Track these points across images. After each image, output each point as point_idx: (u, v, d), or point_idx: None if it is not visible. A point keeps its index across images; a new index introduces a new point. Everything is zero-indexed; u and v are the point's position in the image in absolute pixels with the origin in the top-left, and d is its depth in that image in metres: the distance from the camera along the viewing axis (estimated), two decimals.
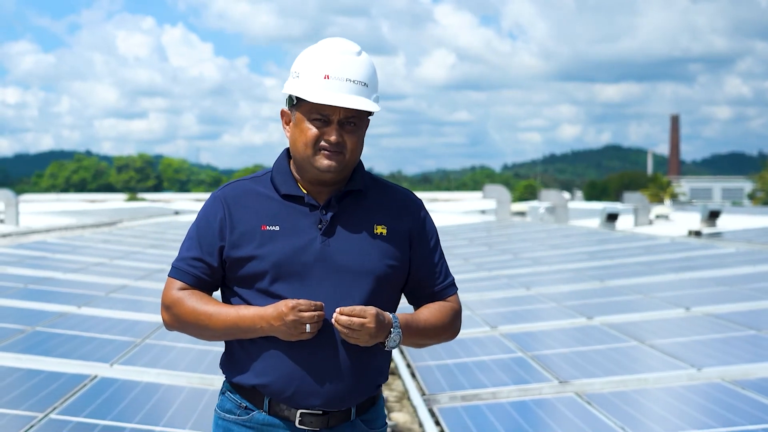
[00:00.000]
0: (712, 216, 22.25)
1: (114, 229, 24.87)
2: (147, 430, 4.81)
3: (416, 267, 2.40)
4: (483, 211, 39.60)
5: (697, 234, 19.76)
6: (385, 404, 6.39)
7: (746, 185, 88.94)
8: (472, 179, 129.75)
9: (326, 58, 2.26)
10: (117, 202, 65.28)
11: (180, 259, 2.36)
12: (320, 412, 2.30)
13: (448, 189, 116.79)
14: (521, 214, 32.65)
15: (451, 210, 45.35)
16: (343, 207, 2.34)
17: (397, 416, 6.15)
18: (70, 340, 7.00)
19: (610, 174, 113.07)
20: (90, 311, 8.57)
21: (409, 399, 6.33)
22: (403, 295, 2.48)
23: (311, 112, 2.26)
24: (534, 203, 41.12)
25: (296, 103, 2.30)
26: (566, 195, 38.20)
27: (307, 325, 2.20)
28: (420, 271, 2.41)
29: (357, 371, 2.30)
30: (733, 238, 17.49)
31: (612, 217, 23.70)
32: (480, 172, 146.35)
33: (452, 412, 5.74)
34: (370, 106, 2.26)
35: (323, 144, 2.26)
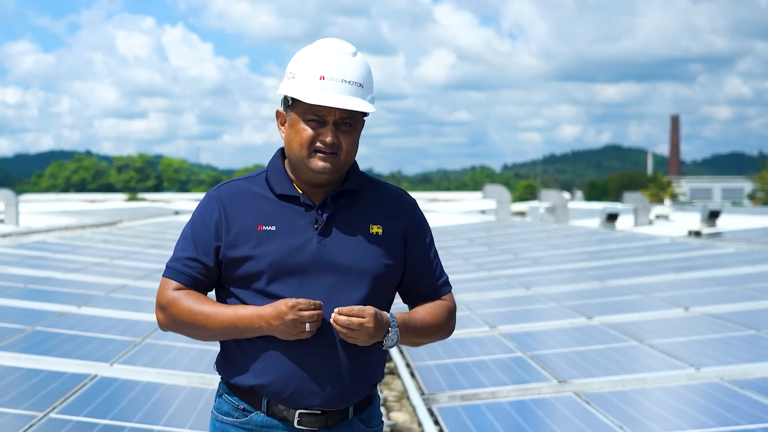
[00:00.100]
0: (712, 216, 22.25)
1: (114, 229, 24.88)
2: (147, 430, 4.82)
3: (411, 266, 2.40)
4: (483, 211, 39.60)
5: (697, 234, 19.75)
6: (385, 404, 6.40)
7: (746, 185, 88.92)
8: (472, 179, 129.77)
9: (322, 58, 2.25)
10: (117, 202, 65.30)
11: (175, 259, 2.35)
12: (319, 412, 2.30)
13: (448, 189, 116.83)
14: (521, 214, 32.66)
15: (451, 210, 45.36)
16: (339, 207, 2.34)
17: (397, 416, 6.15)
18: (70, 340, 7.01)
19: (610, 174, 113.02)
20: (90, 311, 8.59)
21: (409, 398, 6.33)
22: (396, 294, 2.49)
23: (306, 113, 2.26)
24: (534, 203, 41.11)
25: (291, 104, 2.29)
26: (566, 195, 38.19)
27: (307, 324, 2.20)
28: (415, 271, 2.41)
29: (355, 370, 2.30)
30: (733, 238, 17.50)
31: (612, 217, 23.70)
32: (480, 172, 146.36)
33: (451, 412, 5.75)
34: (365, 107, 2.26)
35: (318, 145, 2.26)
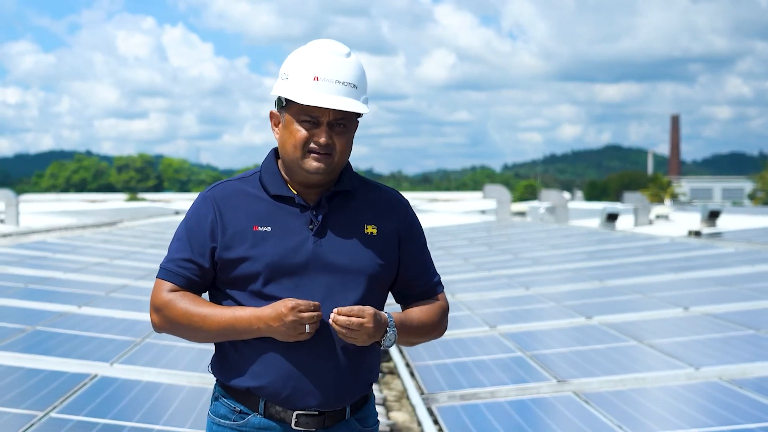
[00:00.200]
0: (712, 216, 22.25)
1: (114, 229, 24.89)
2: (147, 429, 4.83)
3: (405, 266, 2.41)
4: (483, 211, 39.57)
5: (697, 234, 19.76)
6: (384, 403, 6.41)
7: (746, 185, 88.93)
8: (472, 179, 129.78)
9: (315, 59, 2.25)
10: (117, 202, 65.32)
11: (169, 260, 2.33)
12: (316, 413, 2.30)
13: (448, 189, 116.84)
14: (521, 214, 32.65)
15: (451, 210, 45.36)
16: (333, 207, 2.34)
17: (396, 415, 6.16)
18: (71, 340, 7.02)
19: (611, 174, 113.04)
20: (90, 311, 8.59)
21: (408, 398, 6.34)
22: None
23: (300, 114, 2.26)
24: (534, 203, 41.11)
25: (285, 105, 2.29)
26: (566, 195, 38.17)
27: (307, 326, 2.19)
28: (409, 270, 2.42)
29: (352, 370, 2.31)
30: (733, 238, 17.50)
31: (612, 217, 23.70)
32: (480, 172, 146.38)
33: (451, 411, 5.76)
34: (359, 107, 2.26)
35: (312, 146, 2.26)
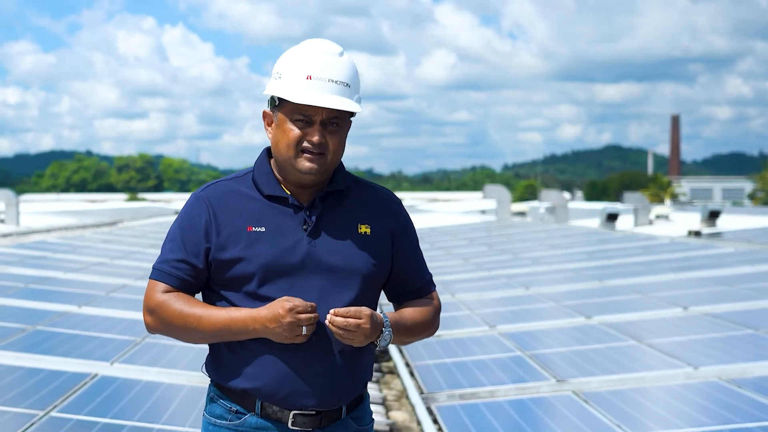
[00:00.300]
0: (712, 216, 22.27)
1: (114, 229, 24.92)
2: (147, 428, 4.84)
3: (399, 265, 2.41)
4: (483, 211, 39.58)
5: (697, 234, 19.77)
6: (384, 403, 6.42)
7: (747, 185, 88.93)
8: (472, 179, 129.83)
9: (308, 58, 2.24)
10: (117, 202, 65.36)
11: (162, 261, 2.32)
12: (313, 413, 2.29)
13: (448, 189, 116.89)
14: (521, 214, 32.66)
15: (451, 210, 45.38)
16: (326, 207, 2.33)
17: (396, 415, 6.17)
18: (71, 339, 7.03)
19: (611, 174, 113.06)
20: (90, 310, 8.61)
21: (408, 398, 6.35)
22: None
23: (293, 113, 2.25)
24: (534, 203, 41.15)
25: (278, 104, 2.28)
26: (566, 195, 38.19)
27: (303, 328, 2.18)
28: (402, 270, 2.42)
29: (348, 370, 2.31)
30: (733, 238, 17.52)
31: (612, 217, 23.72)
32: (480, 172, 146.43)
33: (450, 411, 5.77)
34: (352, 106, 2.25)
35: (306, 145, 2.25)
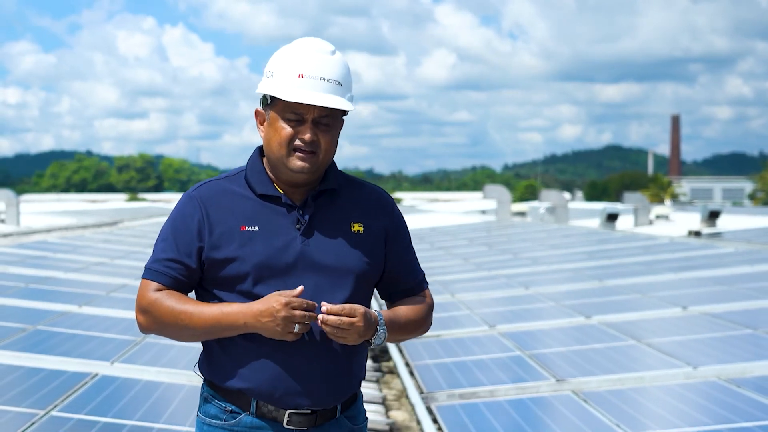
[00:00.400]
0: (712, 216, 22.27)
1: (115, 229, 24.93)
2: (147, 427, 4.85)
3: (392, 264, 2.41)
4: (483, 212, 39.58)
5: (697, 234, 19.77)
6: (384, 402, 6.43)
7: (747, 185, 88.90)
8: (472, 179, 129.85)
9: (300, 57, 2.24)
10: (117, 202, 65.39)
11: (155, 261, 2.31)
12: (308, 412, 2.29)
13: (448, 189, 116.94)
14: (521, 214, 32.65)
15: (451, 210, 45.39)
16: (319, 206, 2.33)
17: (396, 414, 6.18)
18: (71, 339, 7.04)
19: (611, 174, 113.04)
20: (91, 310, 8.62)
21: (408, 397, 6.36)
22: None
23: (285, 111, 2.25)
24: (534, 203, 41.13)
25: (270, 103, 2.28)
26: (567, 195, 38.18)
27: (296, 325, 2.17)
28: (396, 268, 2.42)
29: (344, 368, 2.31)
30: (733, 238, 17.52)
31: (612, 218, 23.72)
32: (480, 173, 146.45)
33: (450, 410, 5.78)
34: (344, 104, 2.25)
35: (297, 143, 2.25)
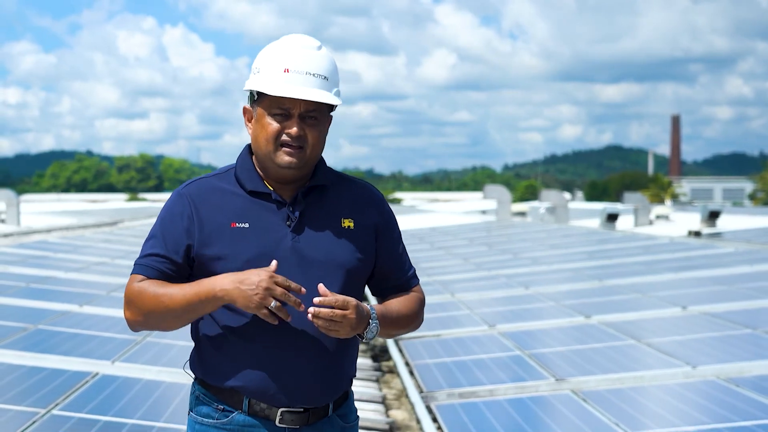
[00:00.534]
0: (712, 216, 22.27)
1: (115, 229, 24.94)
2: (148, 426, 4.87)
3: (383, 259, 2.40)
4: (484, 212, 39.57)
5: (697, 234, 19.78)
6: (384, 402, 6.45)
7: (747, 186, 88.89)
8: (472, 179, 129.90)
9: (286, 52, 2.25)
10: (118, 202, 65.40)
11: (143, 257, 2.30)
12: (301, 410, 2.29)
13: (448, 189, 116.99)
14: (522, 214, 32.66)
15: (451, 210, 45.40)
16: (309, 203, 2.33)
17: (395, 414, 6.20)
18: (72, 338, 7.06)
19: (611, 174, 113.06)
20: (91, 310, 8.63)
21: (408, 397, 6.38)
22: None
23: (272, 107, 2.25)
24: (534, 203, 41.07)
25: (257, 99, 2.28)
26: (567, 195, 38.16)
27: (273, 301, 2.13)
28: (386, 264, 2.42)
29: (336, 366, 2.30)
30: (733, 238, 17.53)
31: (612, 218, 23.71)
32: (481, 173, 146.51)
33: (450, 410, 5.79)
34: (330, 98, 2.25)
35: (284, 138, 2.25)
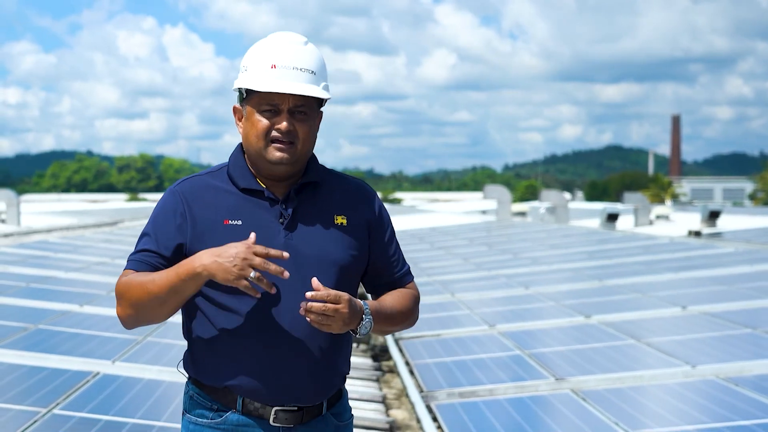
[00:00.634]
0: (712, 216, 22.28)
1: (115, 229, 24.95)
2: (148, 426, 4.88)
3: (376, 256, 2.40)
4: (484, 212, 39.57)
5: (697, 234, 19.78)
6: (384, 401, 6.46)
7: (747, 186, 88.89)
8: (473, 179, 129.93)
9: (273, 49, 2.25)
10: (118, 203, 65.40)
11: (134, 253, 2.31)
12: (295, 408, 2.28)
13: (449, 189, 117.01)
14: (522, 214, 32.66)
15: (451, 210, 45.40)
16: (302, 200, 2.33)
17: (396, 413, 6.21)
18: (73, 338, 7.07)
19: (611, 174, 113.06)
20: (92, 309, 8.64)
21: (408, 396, 6.39)
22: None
23: (261, 104, 2.25)
24: (535, 203, 41.09)
25: (246, 97, 2.28)
26: (567, 195, 38.17)
27: (252, 272, 2.10)
28: (380, 260, 2.42)
29: (329, 363, 2.30)
30: (733, 238, 17.53)
31: (612, 218, 23.71)
32: (481, 173, 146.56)
33: (450, 409, 5.81)
34: (318, 92, 2.25)
35: (275, 134, 2.25)
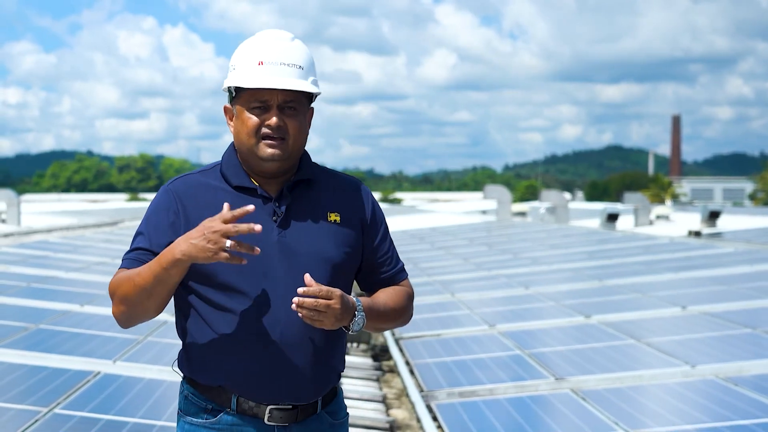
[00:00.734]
0: (713, 216, 22.28)
1: (115, 229, 24.96)
2: (149, 425, 4.89)
3: (369, 253, 2.41)
4: (484, 212, 39.56)
5: (697, 234, 19.79)
6: (384, 401, 6.48)
7: (747, 186, 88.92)
8: (473, 179, 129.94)
9: (259, 46, 2.27)
10: (118, 202, 65.42)
11: (129, 252, 2.31)
12: (290, 407, 2.28)
13: (449, 189, 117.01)
14: (522, 214, 32.66)
15: (451, 210, 45.41)
16: (295, 197, 2.33)
17: (396, 413, 6.23)
18: (73, 338, 7.08)
19: (612, 174, 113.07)
20: (92, 309, 8.66)
21: (408, 396, 6.41)
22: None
23: (250, 101, 2.26)
24: (535, 203, 41.11)
25: (236, 96, 2.29)
26: (567, 195, 38.17)
27: (228, 241, 2.08)
28: (373, 257, 2.42)
29: (324, 361, 2.30)
30: (733, 239, 17.54)
31: (612, 218, 23.72)
32: (481, 173, 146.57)
33: (450, 408, 5.82)
34: (306, 86, 2.26)
35: (265, 131, 2.25)
